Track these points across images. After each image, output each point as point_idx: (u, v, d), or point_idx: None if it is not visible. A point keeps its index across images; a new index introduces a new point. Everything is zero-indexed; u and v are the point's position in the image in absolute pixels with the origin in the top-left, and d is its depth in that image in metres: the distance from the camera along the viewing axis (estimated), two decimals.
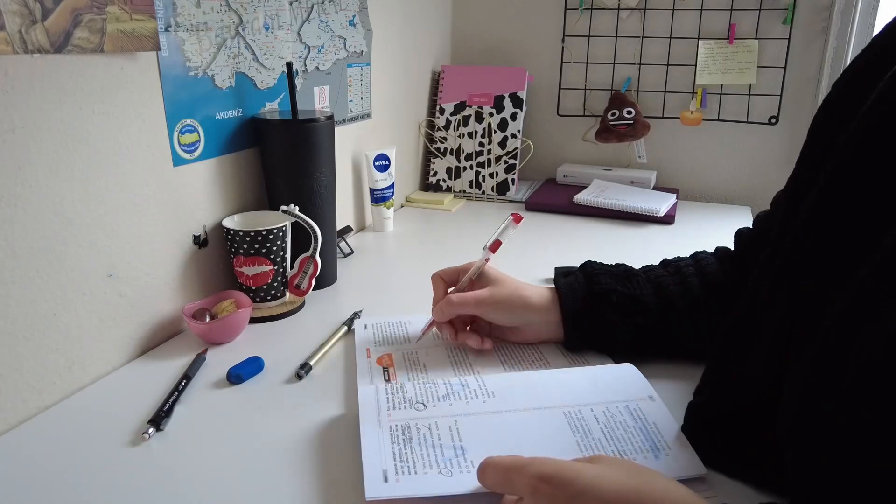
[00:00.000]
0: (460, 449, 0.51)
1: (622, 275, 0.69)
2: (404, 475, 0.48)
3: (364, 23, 1.11)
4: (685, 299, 0.67)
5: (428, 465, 0.49)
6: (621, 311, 0.66)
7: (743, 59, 1.32)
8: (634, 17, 1.38)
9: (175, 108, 0.72)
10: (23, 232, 0.57)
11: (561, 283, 0.69)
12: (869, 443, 0.34)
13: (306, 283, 0.82)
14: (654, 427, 0.53)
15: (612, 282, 0.68)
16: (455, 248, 1.07)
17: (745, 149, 1.38)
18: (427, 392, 0.58)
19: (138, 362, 0.70)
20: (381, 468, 0.49)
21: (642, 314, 0.66)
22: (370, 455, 0.50)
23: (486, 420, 0.55)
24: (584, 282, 0.69)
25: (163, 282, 0.74)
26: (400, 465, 0.49)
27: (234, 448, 0.55)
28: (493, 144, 1.37)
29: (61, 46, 0.57)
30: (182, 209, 0.75)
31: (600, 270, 0.70)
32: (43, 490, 0.50)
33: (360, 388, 0.59)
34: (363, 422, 0.54)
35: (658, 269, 0.71)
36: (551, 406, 0.56)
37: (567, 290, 0.68)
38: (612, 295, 0.67)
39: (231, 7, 0.79)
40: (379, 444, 0.51)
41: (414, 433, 0.53)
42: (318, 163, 0.83)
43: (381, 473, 0.48)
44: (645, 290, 0.67)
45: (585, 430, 0.53)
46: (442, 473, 0.48)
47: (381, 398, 0.57)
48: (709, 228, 1.19)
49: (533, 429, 0.54)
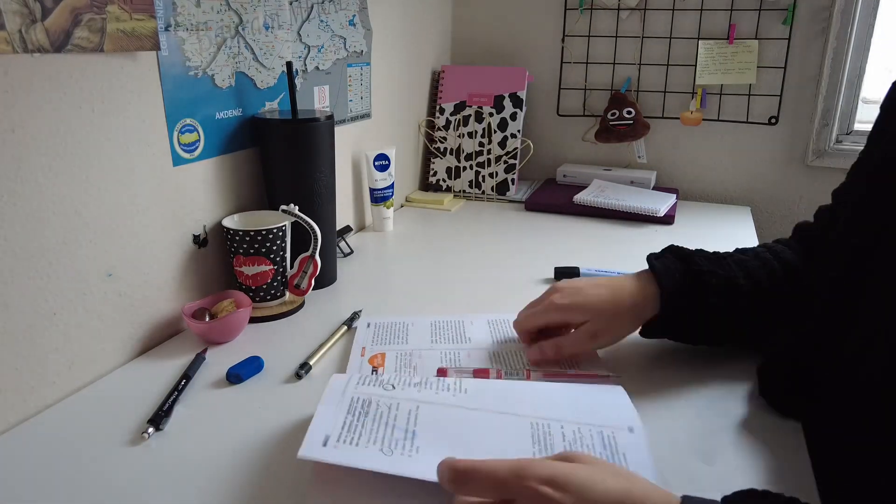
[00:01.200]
0: (411, 434, 0.50)
1: (713, 257, 0.67)
2: (345, 444, 0.48)
3: (364, 22, 1.11)
4: (770, 282, 0.65)
5: (372, 441, 0.49)
6: (719, 294, 0.64)
7: (743, 59, 1.32)
8: (634, 17, 1.38)
9: (175, 108, 0.72)
10: (23, 232, 0.57)
11: (656, 266, 0.66)
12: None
13: (306, 282, 0.82)
14: (623, 458, 0.49)
15: (709, 263, 0.66)
16: (455, 248, 1.07)
17: (744, 149, 1.38)
18: (401, 378, 0.57)
19: (138, 362, 0.70)
20: (324, 433, 0.49)
21: (737, 295, 0.64)
22: (320, 420, 0.50)
23: (447, 412, 0.53)
24: (681, 264, 0.66)
25: (162, 281, 0.74)
26: (345, 435, 0.49)
27: (234, 448, 0.55)
28: (493, 144, 1.37)
29: (61, 46, 0.57)
30: (182, 209, 0.75)
31: (693, 253, 0.68)
32: (43, 490, 0.50)
33: (333, 375, 0.58)
34: (325, 397, 0.54)
35: (738, 254, 0.69)
36: (519, 414, 0.53)
37: (664, 272, 0.65)
38: (712, 277, 0.64)
39: (231, 7, 0.79)
40: (334, 412, 0.51)
41: (373, 409, 0.52)
42: (317, 162, 0.83)
43: (322, 437, 0.48)
44: (737, 272, 0.65)
45: (547, 444, 0.50)
46: (382, 451, 0.48)
47: (351, 381, 0.57)
48: (709, 228, 1.19)
49: (492, 431, 0.52)
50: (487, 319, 0.78)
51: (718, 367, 0.67)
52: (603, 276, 0.91)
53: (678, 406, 0.61)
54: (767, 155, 1.37)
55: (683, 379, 0.65)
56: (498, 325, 0.76)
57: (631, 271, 0.69)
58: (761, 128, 1.36)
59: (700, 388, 0.64)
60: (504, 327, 0.75)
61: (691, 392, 0.63)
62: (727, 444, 0.55)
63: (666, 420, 0.58)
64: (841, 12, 1.23)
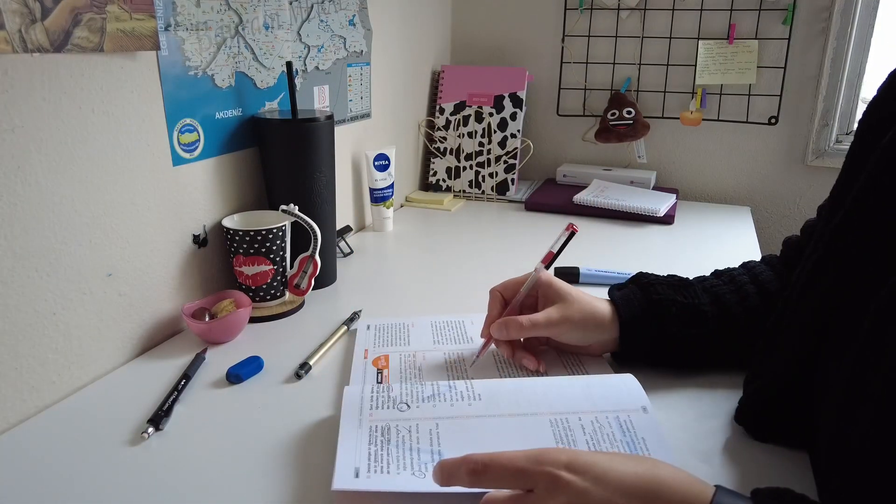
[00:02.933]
0: (437, 453, 0.50)
1: (677, 284, 0.67)
2: (376, 474, 0.48)
3: (364, 22, 1.11)
4: (742, 307, 0.65)
5: (402, 467, 0.49)
6: (679, 322, 0.64)
7: (743, 59, 1.32)
8: (634, 17, 1.38)
9: (175, 108, 0.72)
10: (22, 231, 0.57)
11: (616, 296, 0.67)
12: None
13: (306, 282, 0.82)
14: (643, 442, 0.51)
15: (670, 292, 0.66)
16: (455, 248, 1.07)
17: (744, 149, 1.38)
18: (412, 392, 0.57)
19: (138, 362, 0.70)
20: (353, 465, 0.48)
21: (700, 324, 0.64)
22: (345, 451, 0.50)
23: (467, 424, 0.54)
24: (640, 293, 0.66)
25: (162, 281, 0.74)
26: (374, 465, 0.49)
27: (234, 447, 0.55)
28: (493, 144, 1.37)
29: (61, 46, 0.57)
30: (182, 209, 0.75)
31: (655, 281, 0.67)
32: (42, 489, 0.49)
33: (346, 388, 0.59)
34: (343, 421, 0.54)
35: (711, 279, 0.69)
36: (537, 413, 0.55)
37: (623, 302, 0.65)
38: (672, 306, 0.64)
39: (231, 6, 0.79)
40: (356, 443, 0.51)
41: (393, 435, 0.52)
42: (317, 162, 0.83)
43: (353, 470, 0.48)
44: (702, 299, 0.65)
45: (570, 440, 0.52)
46: (415, 475, 0.48)
47: (365, 398, 0.57)
48: (708, 228, 1.19)
49: (515, 435, 0.52)
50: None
51: (719, 367, 0.67)
52: (602, 276, 0.91)
53: (679, 406, 0.61)
54: (767, 155, 1.37)
55: (684, 379, 0.65)
56: None
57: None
58: (761, 128, 1.36)
59: (701, 388, 0.64)
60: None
61: (692, 392, 0.63)
62: (728, 444, 0.55)
63: (666, 420, 0.58)
64: (841, 12, 1.23)
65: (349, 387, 0.59)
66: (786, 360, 0.52)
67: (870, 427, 0.38)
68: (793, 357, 0.51)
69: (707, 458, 0.53)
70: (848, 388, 0.43)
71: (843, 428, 0.42)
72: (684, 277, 0.69)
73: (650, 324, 0.64)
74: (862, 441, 0.39)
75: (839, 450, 0.42)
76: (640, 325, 0.64)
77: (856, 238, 0.47)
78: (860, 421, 0.40)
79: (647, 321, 0.64)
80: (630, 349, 0.66)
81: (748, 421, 0.56)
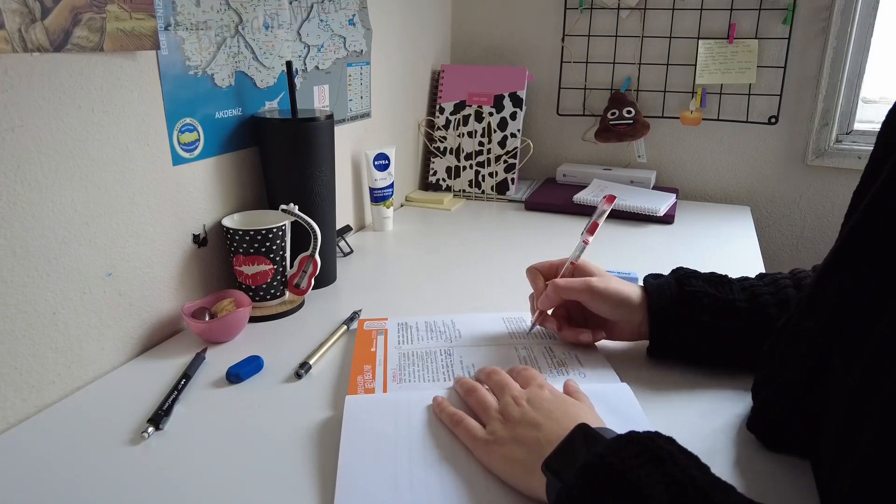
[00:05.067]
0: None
1: (714, 280, 0.67)
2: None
3: (364, 22, 1.11)
4: (779, 308, 0.64)
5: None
6: (711, 313, 0.64)
7: (743, 58, 1.32)
8: (634, 16, 1.38)
9: (175, 107, 0.72)
10: (22, 231, 0.57)
11: (649, 283, 0.68)
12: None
13: (306, 282, 0.82)
14: None
15: (704, 285, 0.66)
16: (455, 248, 1.07)
17: (744, 149, 1.38)
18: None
19: (138, 361, 0.70)
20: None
21: (733, 317, 0.64)
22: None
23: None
24: (675, 283, 0.67)
25: (162, 281, 0.74)
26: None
27: (234, 447, 0.55)
28: (493, 144, 1.37)
29: (61, 45, 0.57)
30: (181, 208, 0.75)
31: (692, 274, 0.68)
32: (42, 489, 0.50)
33: (347, 397, 0.59)
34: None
35: (752, 279, 0.69)
36: None
37: (655, 290, 0.66)
38: (704, 297, 0.64)
39: (231, 6, 0.78)
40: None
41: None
42: (317, 162, 0.83)
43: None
44: (738, 295, 0.65)
45: None
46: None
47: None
48: (708, 228, 1.19)
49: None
50: (502, 317, 0.79)
51: (720, 368, 0.67)
52: None
53: (679, 406, 0.61)
54: (767, 155, 1.37)
55: (685, 380, 0.65)
56: (512, 322, 0.77)
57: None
58: (761, 127, 1.36)
59: (701, 388, 0.64)
60: (518, 324, 0.77)
61: (693, 392, 0.63)
62: (728, 444, 0.55)
63: (667, 420, 0.58)
64: (841, 12, 1.23)
65: (350, 397, 0.60)
66: (796, 368, 0.52)
67: (876, 437, 0.38)
68: (804, 365, 0.51)
69: (709, 461, 0.53)
70: (854, 396, 0.42)
71: (849, 437, 0.42)
72: (724, 275, 0.69)
73: (680, 312, 0.65)
74: (868, 451, 0.39)
75: (844, 459, 0.42)
76: (670, 312, 0.65)
77: (867, 244, 0.47)
78: (867, 430, 0.40)
79: (677, 309, 0.65)
80: (660, 337, 0.66)
81: (760, 430, 0.56)
